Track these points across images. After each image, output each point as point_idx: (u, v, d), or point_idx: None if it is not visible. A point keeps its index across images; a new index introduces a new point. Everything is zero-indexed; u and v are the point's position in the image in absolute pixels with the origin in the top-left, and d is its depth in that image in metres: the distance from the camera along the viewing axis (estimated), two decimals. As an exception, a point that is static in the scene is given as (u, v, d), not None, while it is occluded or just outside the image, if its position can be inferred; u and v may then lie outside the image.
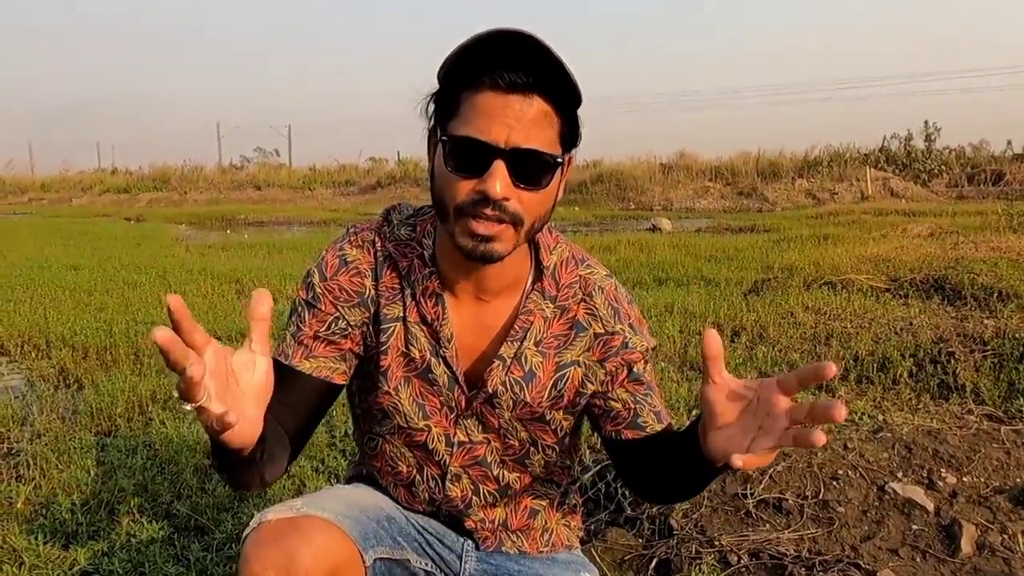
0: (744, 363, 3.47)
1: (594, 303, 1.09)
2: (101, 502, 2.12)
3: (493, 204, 0.91)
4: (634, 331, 1.10)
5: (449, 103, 0.94)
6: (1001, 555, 1.85)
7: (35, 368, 3.77)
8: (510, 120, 0.89)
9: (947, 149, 19.89)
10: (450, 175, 0.92)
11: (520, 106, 0.90)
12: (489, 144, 0.89)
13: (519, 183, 0.92)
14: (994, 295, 4.45)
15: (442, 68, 0.93)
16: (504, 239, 0.94)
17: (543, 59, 0.89)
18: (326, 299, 1.05)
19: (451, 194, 0.93)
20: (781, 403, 0.82)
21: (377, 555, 1.02)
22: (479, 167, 0.91)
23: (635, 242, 8.73)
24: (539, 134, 0.91)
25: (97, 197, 26.29)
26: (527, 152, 0.91)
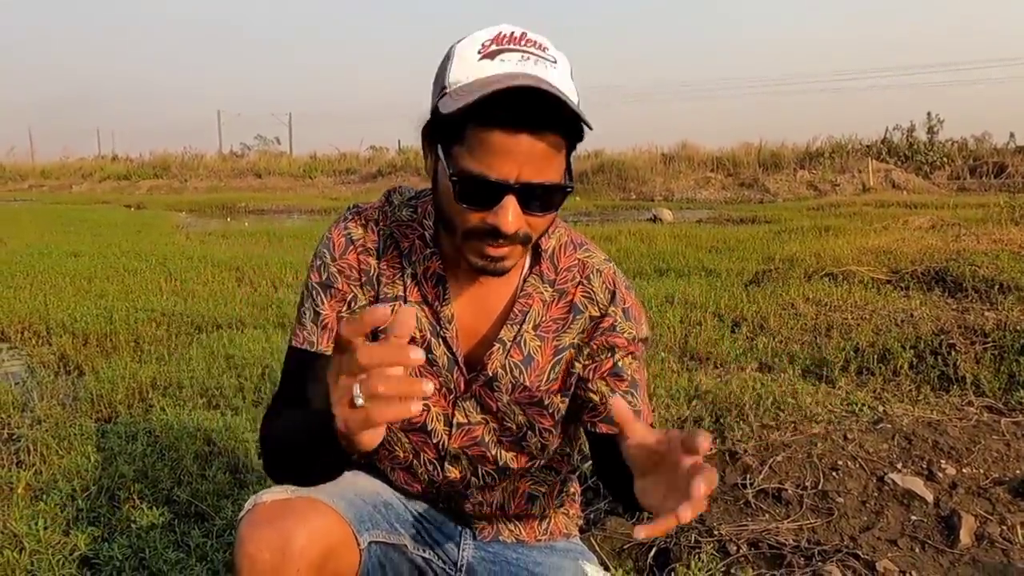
0: (744, 353, 3.47)
1: (592, 286, 1.09)
2: (101, 488, 2.13)
3: (504, 236, 0.92)
4: (626, 316, 1.09)
5: (454, 127, 0.91)
6: (1000, 546, 1.85)
7: (35, 354, 3.77)
8: (520, 157, 0.89)
9: (950, 141, 19.82)
10: (460, 207, 0.92)
11: (530, 143, 0.89)
12: (499, 183, 0.89)
13: (529, 212, 0.92)
14: (995, 287, 4.45)
15: (451, 90, 0.90)
16: (514, 256, 0.96)
17: (553, 100, 0.87)
18: (341, 278, 1.05)
19: (460, 220, 0.94)
20: (684, 461, 0.73)
21: (372, 538, 1.02)
22: (489, 201, 0.91)
23: (636, 232, 8.72)
24: (549, 166, 0.91)
25: (97, 184, 26.26)
26: (537, 186, 0.91)
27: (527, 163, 0.89)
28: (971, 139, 20.00)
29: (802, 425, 2.54)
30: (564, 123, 0.90)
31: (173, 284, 5.58)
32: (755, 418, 2.59)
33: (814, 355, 3.40)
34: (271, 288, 5.48)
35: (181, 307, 4.66)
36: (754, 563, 1.81)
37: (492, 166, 0.89)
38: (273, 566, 0.89)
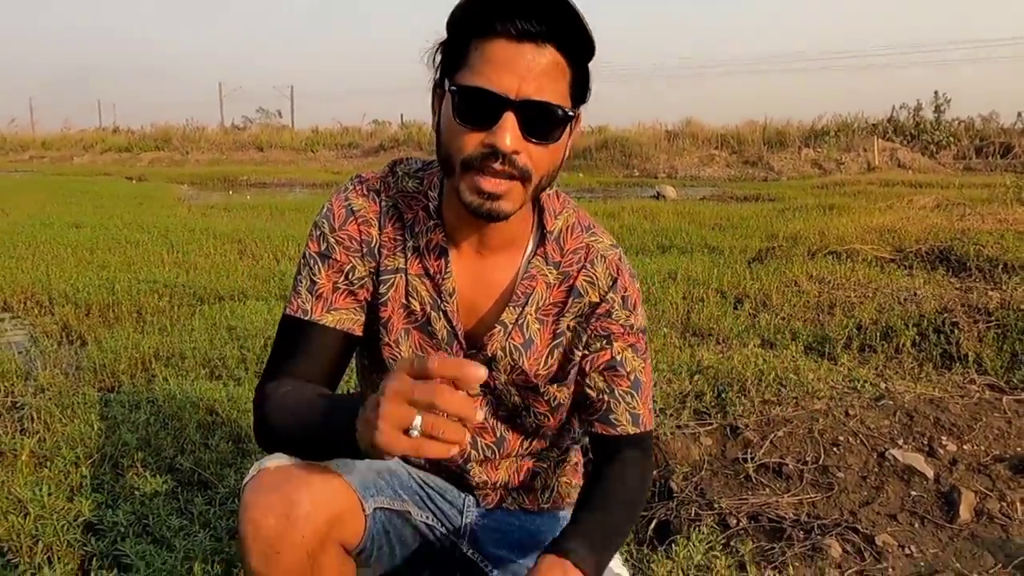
0: (747, 330, 3.47)
1: (594, 271, 1.07)
2: (105, 456, 2.14)
3: (502, 158, 0.88)
4: (624, 304, 1.08)
5: (458, 52, 0.91)
6: (999, 522, 1.86)
7: (38, 324, 3.77)
8: (521, 70, 0.87)
9: (956, 120, 19.65)
10: (458, 127, 0.89)
11: (532, 56, 0.87)
12: (499, 95, 0.87)
13: (529, 136, 0.89)
14: (999, 267, 4.43)
15: (452, 15, 0.90)
16: (512, 196, 0.92)
17: (557, 8, 0.86)
18: (339, 249, 1.04)
19: (458, 146, 0.90)
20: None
21: (377, 504, 1.02)
22: (488, 119, 0.88)
23: (639, 209, 8.68)
24: (551, 86, 0.89)
25: (99, 156, 26.15)
26: (538, 104, 0.88)
27: (528, 77, 0.87)
28: (978, 119, 19.82)
29: (804, 401, 2.54)
30: (567, 37, 0.88)
31: (175, 256, 5.58)
32: (757, 393, 2.59)
33: (817, 332, 3.39)
34: (273, 260, 5.47)
35: (183, 279, 4.66)
36: (754, 536, 1.82)
37: (492, 78, 0.87)
38: (278, 532, 0.88)
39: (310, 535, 0.90)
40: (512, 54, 0.87)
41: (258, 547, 0.88)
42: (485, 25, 0.87)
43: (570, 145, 0.98)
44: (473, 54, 0.89)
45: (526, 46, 0.87)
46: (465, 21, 0.89)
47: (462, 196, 0.92)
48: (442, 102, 0.94)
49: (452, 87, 0.89)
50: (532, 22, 0.86)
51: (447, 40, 0.93)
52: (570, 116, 0.92)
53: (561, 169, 0.99)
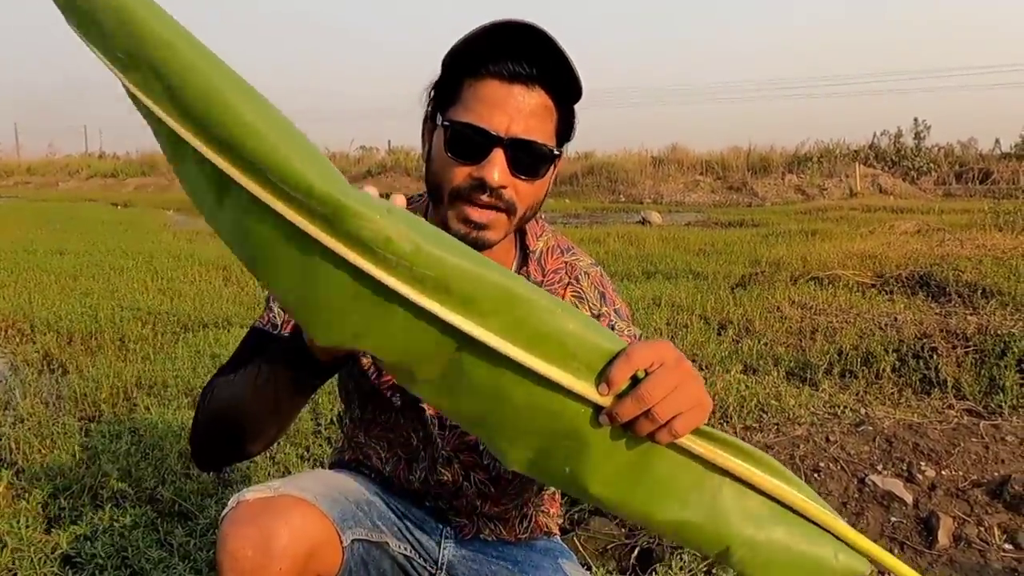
0: (730, 356, 3.49)
1: (581, 287, 1.11)
2: (84, 487, 2.12)
3: (490, 191, 0.92)
4: (619, 316, 1.11)
5: (451, 89, 0.95)
6: (977, 547, 1.88)
7: (19, 352, 3.74)
8: (511, 110, 0.91)
9: (936, 147, 19.99)
10: (448, 160, 0.94)
11: (522, 96, 0.92)
12: (490, 132, 0.91)
13: (516, 172, 0.93)
14: (978, 292, 4.49)
15: (447, 56, 0.94)
16: (497, 227, 0.96)
17: (547, 51, 0.90)
18: None
19: (448, 178, 0.94)
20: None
21: (355, 536, 1.02)
22: (478, 154, 0.92)
23: (625, 235, 8.75)
24: (538, 126, 0.93)
25: (84, 181, 26.08)
26: (526, 143, 0.92)
27: (517, 117, 0.91)
28: (957, 145, 20.18)
29: (785, 427, 2.56)
30: (556, 80, 0.93)
31: (159, 283, 5.56)
32: (739, 419, 2.61)
33: (798, 358, 3.42)
34: (258, 287, 5.46)
35: (167, 306, 4.64)
36: (735, 563, 1.82)
37: (484, 116, 0.91)
38: (256, 564, 0.89)
39: (288, 567, 0.90)
40: (503, 94, 0.91)
41: None
42: (478, 66, 0.92)
43: (552, 179, 1.03)
44: (466, 92, 0.93)
45: (517, 87, 0.92)
46: (459, 61, 0.93)
47: (450, 224, 0.95)
48: (433, 135, 0.98)
49: (445, 122, 0.94)
50: (523, 64, 0.91)
51: (441, 78, 0.97)
52: (555, 155, 0.97)
53: (544, 201, 1.04)
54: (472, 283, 0.66)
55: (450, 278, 0.65)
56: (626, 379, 0.68)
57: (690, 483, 0.73)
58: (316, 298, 0.67)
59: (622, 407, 0.68)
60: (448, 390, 0.71)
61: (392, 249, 0.64)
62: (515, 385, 0.68)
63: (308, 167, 0.63)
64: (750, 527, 0.74)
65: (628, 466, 0.72)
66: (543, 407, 0.69)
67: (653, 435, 0.69)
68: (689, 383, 0.69)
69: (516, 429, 0.71)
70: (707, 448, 0.72)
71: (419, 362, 0.70)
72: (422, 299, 0.65)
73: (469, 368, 0.68)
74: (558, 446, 0.71)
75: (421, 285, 0.65)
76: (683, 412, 0.68)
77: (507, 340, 0.67)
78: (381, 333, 0.68)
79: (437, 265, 0.65)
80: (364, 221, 0.63)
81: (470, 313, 0.66)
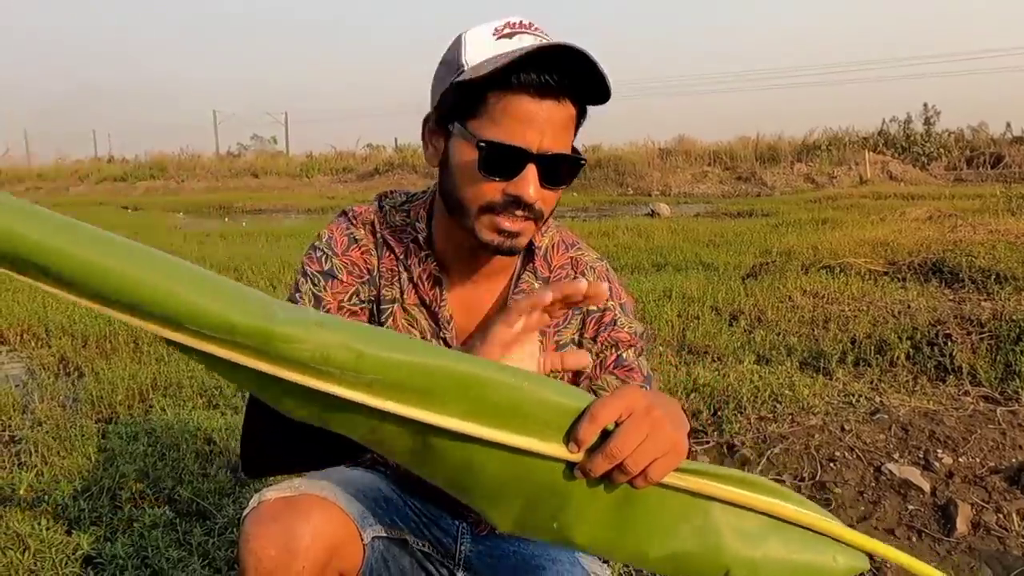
0: (742, 346, 3.48)
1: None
2: (103, 488, 2.14)
3: (525, 207, 0.93)
4: (623, 312, 1.10)
5: (472, 99, 0.92)
6: (996, 534, 1.87)
7: (35, 357, 3.78)
8: (542, 125, 0.90)
9: (946, 132, 19.84)
10: (480, 176, 0.92)
11: (552, 111, 0.90)
12: (523, 150, 0.90)
13: (546, 184, 0.94)
14: (992, 277, 4.46)
15: (470, 71, 0.90)
16: (527, 234, 0.97)
17: (579, 61, 0.88)
18: (343, 272, 1.05)
19: (478, 193, 0.93)
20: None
21: (375, 533, 1.03)
22: (512, 171, 0.91)
23: (633, 227, 8.73)
24: (565, 136, 0.93)
25: (94, 186, 26.23)
26: (557, 157, 0.92)
27: (548, 131, 0.91)
28: (968, 130, 20.03)
29: (799, 417, 2.56)
30: (587, 90, 0.92)
31: (171, 285, 5.58)
32: (753, 410, 2.60)
33: (811, 347, 3.41)
34: (269, 287, 5.49)
35: (180, 307, 4.66)
36: (752, 554, 1.82)
37: (516, 133, 0.90)
38: (278, 563, 0.89)
39: (310, 566, 0.91)
40: (534, 110, 0.90)
41: None
42: (505, 78, 0.88)
43: None
44: (494, 106, 0.90)
45: (547, 102, 0.90)
46: (484, 70, 0.89)
47: (480, 235, 0.95)
48: (449, 142, 0.96)
49: (481, 143, 0.90)
50: (554, 76, 0.89)
51: (460, 85, 0.92)
52: (582, 162, 0.97)
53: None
54: (423, 376, 0.66)
55: (400, 377, 0.65)
56: (594, 436, 0.68)
57: (678, 514, 0.74)
58: (274, 389, 0.67)
59: (593, 464, 0.68)
60: (423, 462, 0.72)
61: (333, 363, 0.64)
62: (486, 456, 0.69)
63: (226, 306, 0.63)
64: (745, 546, 0.74)
65: (613, 510, 0.72)
66: (517, 472, 0.70)
67: (631, 483, 0.70)
68: (660, 431, 0.69)
69: (495, 494, 0.72)
70: (689, 482, 0.72)
71: (389, 444, 0.71)
72: (377, 402, 0.65)
73: (438, 447, 0.69)
74: (540, 503, 0.72)
75: (371, 389, 0.65)
76: (657, 459, 0.69)
77: (469, 421, 0.67)
78: (343, 421, 0.69)
79: (384, 367, 0.65)
80: (296, 343, 0.63)
81: (428, 404, 0.66)
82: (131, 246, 0.65)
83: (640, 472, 0.69)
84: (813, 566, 0.75)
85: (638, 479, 0.69)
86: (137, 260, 0.63)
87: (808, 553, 0.75)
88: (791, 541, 0.75)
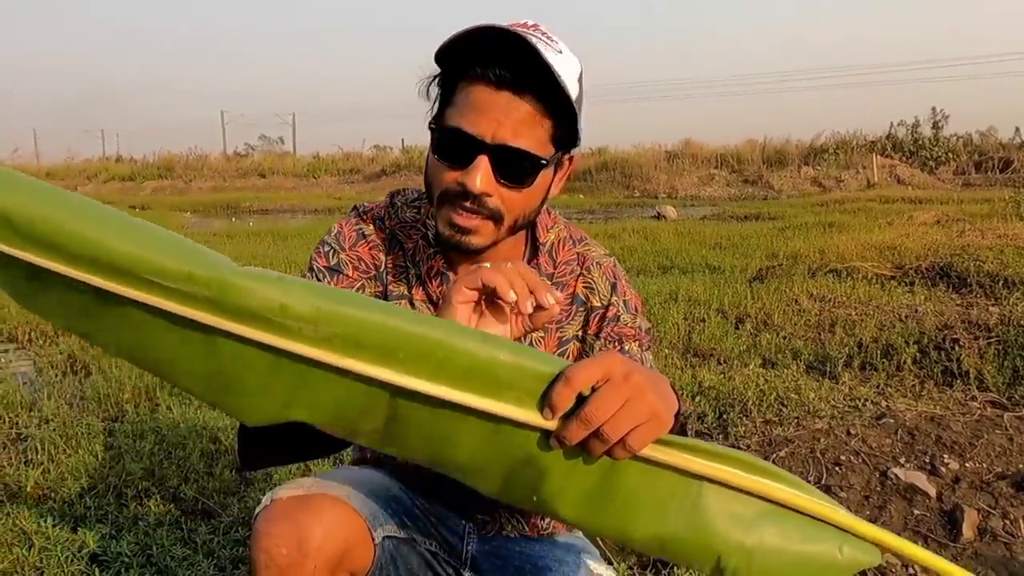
0: (748, 350, 3.48)
1: (592, 277, 1.10)
2: (109, 486, 2.14)
3: (473, 198, 0.92)
4: (627, 308, 1.10)
5: (447, 88, 0.95)
6: (1002, 540, 1.86)
7: (43, 355, 3.79)
8: (499, 115, 0.90)
9: (955, 136, 19.77)
10: (436, 162, 0.94)
11: (509, 103, 0.90)
12: (475, 137, 0.90)
13: (502, 180, 0.92)
14: (1000, 282, 4.44)
15: (439, 53, 0.93)
16: (482, 233, 0.95)
17: (531, 61, 0.88)
18: (349, 267, 1.06)
19: (436, 181, 0.95)
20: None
21: (386, 533, 1.03)
22: (464, 159, 0.91)
23: (640, 230, 8.73)
24: (527, 133, 0.91)
25: (102, 185, 26.34)
26: (512, 150, 0.91)
27: (505, 123, 0.90)
28: (976, 134, 19.96)
29: (805, 420, 2.55)
30: (543, 89, 0.90)
31: (178, 284, 5.60)
32: (758, 413, 2.59)
33: (818, 351, 3.40)
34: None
35: (186, 307, 4.68)
36: (757, 557, 1.82)
37: (471, 121, 0.90)
38: (290, 561, 0.89)
39: (322, 565, 0.91)
40: (491, 99, 0.90)
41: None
42: (467, 68, 0.91)
43: (561, 184, 1.02)
44: (459, 94, 0.93)
45: (504, 93, 0.90)
46: (451, 61, 0.93)
47: (438, 227, 0.96)
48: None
49: (432, 126, 0.94)
50: (507, 72, 0.89)
51: (439, 77, 0.96)
52: (543, 163, 0.94)
53: (542, 209, 1.03)
54: (384, 333, 0.64)
55: (360, 333, 0.63)
56: (569, 401, 0.65)
57: (665, 493, 0.69)
58: (232, 384, 0.66)
59: (568, 430, 0.65)
60: (394, 438, 0.69)
61: (289, 314, 0.62)
62: (458, 423, 0.66)
63: (185, 259, 0.62)
64: (738, 532, 0.68)
65: (595, 485, 0.69)
66: (491, 440, 0.67)
67: (609, 453, 0.66)
68: (640, 397, 0.65)
69: (473, 464, 0.70)
70: (674, 456, 0.68)
71: (357, 419, 0.68)
72: (336, 358, 0.63)
73: (408, 414, 0.66)
74: (518, 475, 0.69)
75: (330, 344, 0.63)
76: (636, 427, 0.65)
77: (436, 383, 0.64)
78: (309, 399, 0.66)
79: (342, 321, 0.63)
80: (252, 293, 0.62)
81: (390, 363, 0.64)
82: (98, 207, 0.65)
83: (618, 440, 0.65)
84: (814, 557, 0.69)
85: (617, 448, 0.65)
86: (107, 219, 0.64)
87: (809, 543, 0.69)
88: (790, 529, 0.69)
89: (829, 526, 0.70)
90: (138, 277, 0.62)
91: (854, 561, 0.70)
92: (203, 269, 0.62)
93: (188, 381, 0.68)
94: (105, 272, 0.62)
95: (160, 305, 0.62)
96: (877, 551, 0.71)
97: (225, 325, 0.62)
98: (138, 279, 0.62)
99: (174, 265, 0.62)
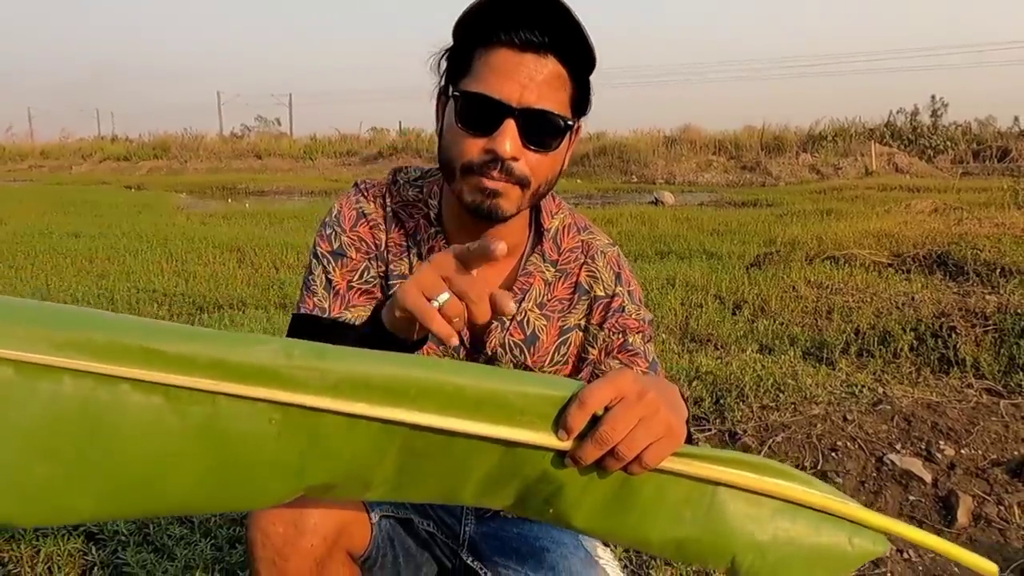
0: (745, 336, 3.48)
1: (596, 266, 1.09)
2: (105, 465, 2.14)
3: (501, 164, 0.90)
4: (631, 299, 1.09)
5: (462, 60, 0.93)
6: (997, 526, 1.87)
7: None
8: (523, 79, 0.89)
9: (953, 125, 19.75)
10: (460, 132, 0.91)
11: (534, 65, 0.89)
12: (501, 102, 0.89)
13: (528, 144, 0.91)
14: (996, 271, 4.45)
15: (457, 24, 0.92)
16: (511, 197, 0.93)
17: (560, 19, 0.88)
18: (351, 249, 1.04)
19: (459, 151, 0.92)
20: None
21: (383, 513, 1.03)
22: (490, 125, 0.90)
23: (637, 215, 8.71)
24: (551, 95, 0.91)
25: (97, 165, 26.17)
26: (538, 112, 0.90)
27: (530, 86, 0.89)
28: (975, 123, 19.95)
29: (802, 406, 2.55)
30: (569, 49, 0.90)
31: (174, 265, 5.59)
32: (755, 399, 2.60)
33: (815, 337, 3.40)
34: (272, 269, 5.48)
35: (182, 288, 4.67)
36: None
37: (495, 86, 0.89)
38: (286, 540, 0.89)
39: (319, 543, 0.91)
40: (515, 63, 0.89)
41: (266, 555, 0.89)
42: (489, 34, 0.89)
43: (569, 155, 1.01)
44: (477, 62, 0.91)
45: (528, 56, 0.89)
46: (469, 29, 0.91)
47: (463, 197, 0.94)
48: (445, 108, 0.96)
49: (455, 92, 0.92)
50: (535, 32, 0.88)
51: (452, 47, 0.95)
52: (569, 125, 0.94)
53: (560, 177, 1.01)
54: (391, 375, 0.63)
55: (367, 374, 0.63)
56: (583, 423, 0.65)
57: (680, 499, 0.70)
58: (236, 471, 0.63)
59: (583, 450, 0.66)
60: (408, 482, 0.69)
61: (296, 362, 0.61)
62: (474, 452, 0.66)
63: (215, 346, 0.61)
64: (752, 530, 0.70)
65: (611, 496, 0.70)
66: (505, 462, 0.67)
67: (625, 469, 0.67)
68: (654, 415, 0.66)
69: (489, 487, 0.70)
70: (690, 466, 0.69)
71: (371, 468, 0.67)
72: (345, 405, 0.62)
73: (422, 452, 0.66)
74: (533, 491, 0.70)
75: (337, 391, 0.62)
76: (651, 444, 0.66)
77: (449, 416, 0.64)
78: (322, 457, 0.65)
79: (347, 364, 0.62)
80: (252, 345, 0.61)
81: (402, 401, 0.63)
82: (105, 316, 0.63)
83: (634, 458, 0.66)
84: (826, 549, 0.71)
85: (633, 465, 0.67)
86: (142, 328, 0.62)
87: (820, 536, 0.71)
88: (801, 524, 0.71)
89: (838, 519, 0.72)
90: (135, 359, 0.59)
91: (864, 551, 0.72)
92: (204, 349, 0.60)
93: (181, 492, 0.63)
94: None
95: (160, 380, 0.60)
96: (885, 540, 0.73)
97: (229, 388, 0.60)
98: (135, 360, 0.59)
99: (172, 348, 0.60)
